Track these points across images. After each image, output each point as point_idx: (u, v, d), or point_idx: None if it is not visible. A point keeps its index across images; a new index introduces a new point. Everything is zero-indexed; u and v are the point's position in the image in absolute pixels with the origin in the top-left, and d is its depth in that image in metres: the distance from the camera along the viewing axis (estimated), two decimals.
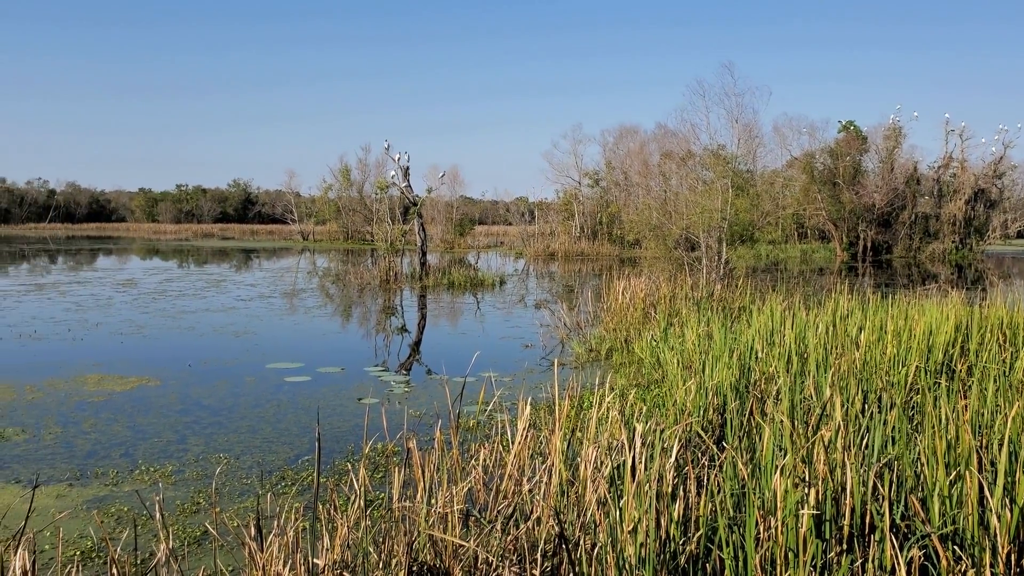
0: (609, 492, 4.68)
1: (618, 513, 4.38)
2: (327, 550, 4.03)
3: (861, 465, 4.77)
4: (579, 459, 5.34)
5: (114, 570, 3.82)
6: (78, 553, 5.27)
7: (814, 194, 54.41)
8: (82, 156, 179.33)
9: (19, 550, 3.77)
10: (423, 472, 5.03)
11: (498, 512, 4.92)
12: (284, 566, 3.89)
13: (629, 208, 53.16)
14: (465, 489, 4.90)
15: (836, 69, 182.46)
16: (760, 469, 4.77)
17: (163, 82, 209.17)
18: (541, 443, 6.37)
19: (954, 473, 4.45)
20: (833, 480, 4.44)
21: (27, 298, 21.72)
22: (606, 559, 4.16)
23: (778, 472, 4.14)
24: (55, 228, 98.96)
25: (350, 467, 6.62)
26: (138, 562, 4.22)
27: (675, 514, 4.41)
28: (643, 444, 4.75)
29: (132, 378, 11.11)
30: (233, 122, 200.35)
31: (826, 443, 4.71)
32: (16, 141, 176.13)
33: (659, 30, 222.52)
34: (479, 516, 5.14)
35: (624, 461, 4.96)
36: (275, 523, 4.16)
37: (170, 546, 3.99)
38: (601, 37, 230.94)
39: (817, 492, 4.20)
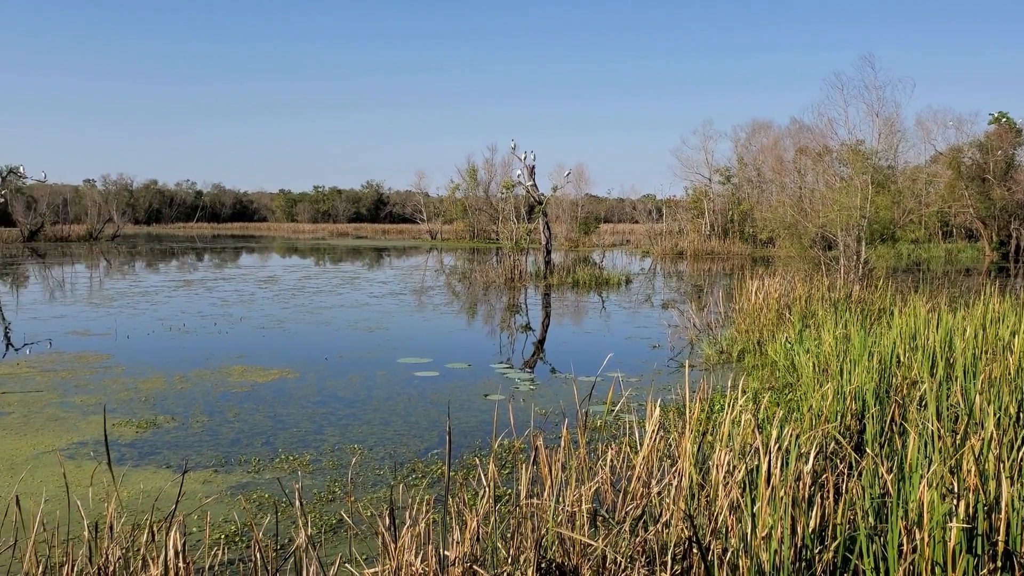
0: (742, 497, 4.56)
1: (751, 519, 4.26)
2: (457, 543, 4.09)
3: (1017, 478, 4.47)
4: (710, 463, 5.23)
5: (257, 554, 4.00)
6: (223, 536, 5.55)
7: (961, 191, 51.36)
8: (227, 159, 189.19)
9: (172, 531, 4.01)
10: (550, 470, 5.04)
11: (626, 513, 4.87)
12: (416, 556, 3.97)
13: (762, 205, 51.66)
14: (593, 489, 4.87)
15: (986, 58, 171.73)
16: (904, 478, 4.54)
17: (303, 93, 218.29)
18: (670, 446, 6.27)
19: None
20: (985, 492, 4.18)
21: (176, 294, 23.10)
22: (738, 565, 4.05)
23: (924, 482, 3.93)
24: (202, 227, 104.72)
25: (478, 462, 6.71)
26: (278, 547, 4.41)
27: (811, 522, 4.26)
28: (778, 449, 4.60)
29: (273, 370, 11.64)
30: (367, 126, 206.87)
31: (976, 453, 4.44)
32: (167, 145, 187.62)
33: (792, 29, 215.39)
34: (607, 516, 5.11)
35: (758, 466, 4.82)
36: (407, 514, 4.26)
37: (308, 533, 4.15)
38: (732, 36, 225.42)
39: (967, 504, 3.96)
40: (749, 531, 4.22)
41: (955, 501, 3.98)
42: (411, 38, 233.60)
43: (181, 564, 3.90)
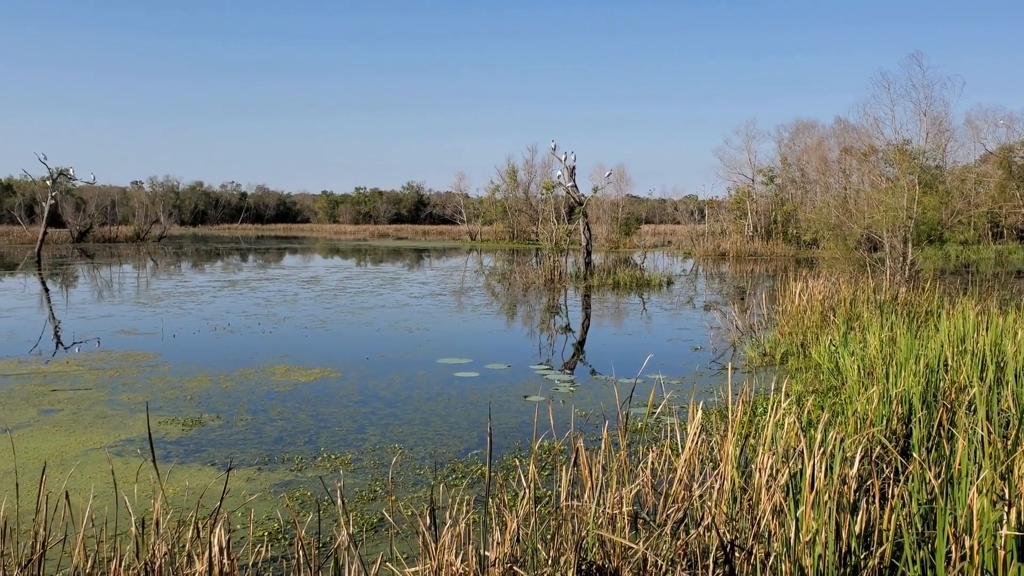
0: (785, 501, 4.51)
1: (795, 523, 4.21)
2: (498, 543, 4.10)
3: None
4: (753, 466, 5.18)
5: (300, 552, 4.04)
6: (266, 534, 5.62)
7: (1012, 191, 50.20)
8: (271, 161, 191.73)
9: (217, 528, 4.06)
10: (590, 472, 5.03)
11: (667, 516, 4.84)
12: (456, 556, 3.99)
13: (806, 206, 51.03)
14: (634, 491, 4.85)
15: None
16: (952, 484, 4.44)
17: (345, 94, 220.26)
18: (712, 449, 6.22)
19: None
20: None
21: (221, 294, 23.45)
22: (781, 569, 4.01)
23: (973, 488, 3.85)
24: (246, 228, 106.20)
25: (518, 463, 6.71)
26: (320, 545, 4.45)
27: (856, 527, 4.19)
28: (822, 453, 4.53)
29: (315, 369, 11.76)
30: (408, 127, 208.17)
31: None
32: (212, 148, 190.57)
33: (837, 29, 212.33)
34: (648, 519, 5.08)
35: (802, 470, 4.76)
36: (447, 514, 4.28)
37: (350, 531, 4.18)
38: (776, 36, 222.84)
39: (1019, 511, 3.87)
40: (792, 536, 4.17)
41: (1006, 508, 3.89)
42: (452, 38, 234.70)
43: (225, 560, 3.96)
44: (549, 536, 4.43)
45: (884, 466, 5.62)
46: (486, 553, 4.13)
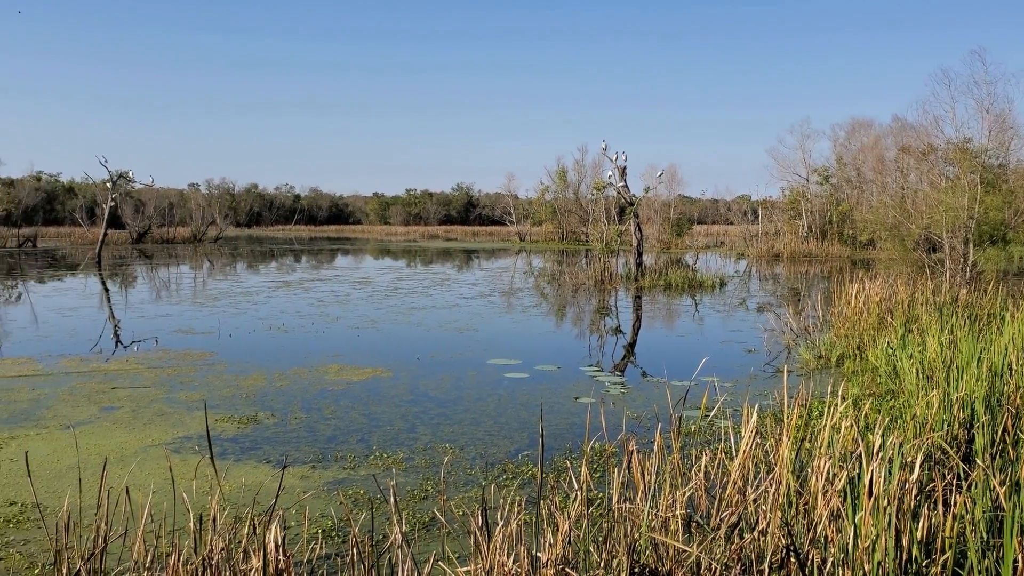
0: (842, 506, 4.42)
1: (853, 529, 4.13)
2: (550, 545, 4.09)
3: None
4: (808, 470, 5.09)
5: (353, 549, 4.08)
6: (320, 531, 5.68)
7: None
8: (323, 164, 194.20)
9: (272, 525, 4.12)
10: (642, 474, 4.99)
11: (721, 520, 4.78)
12: (508, 557, 3.98)
13: (862, 206, 50.04)
14: (687, 494, 4.80)
15: None
16: (1019, 491, 4.31)
17: (397, 95, 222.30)
18: (766, 452, 6.13)
19: None
20: None
21: (276, 294, 23.81)
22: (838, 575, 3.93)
23: None
24: (299, 229, 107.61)
25: (569, 464, 6.69)
26: (373, 543, 4.49)
27: (917, 534, 4.09)
28: (881, 457, 4.44)
29: (367, 369, 11.87)
30: (458, 128, 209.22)
31: None
32: (266, 151, 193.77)
33: (894, 31, 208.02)
34: (701, 522, 5.03)
35: (859, 474, 4.67)
36: (498, 514, 4.28)
37: (403, 530, 4.21)
38: (831, 36, 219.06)
39: None
40: (851, 541, 4.09)
41: None
42: (502, 38, 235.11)
43: (281, 557, 4.01)
44: (601, 538, 4.41)
45: (945, 472, 5.48)
46: (538, 554, 4.12)
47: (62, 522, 4.56)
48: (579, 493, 4.71)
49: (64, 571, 4.27)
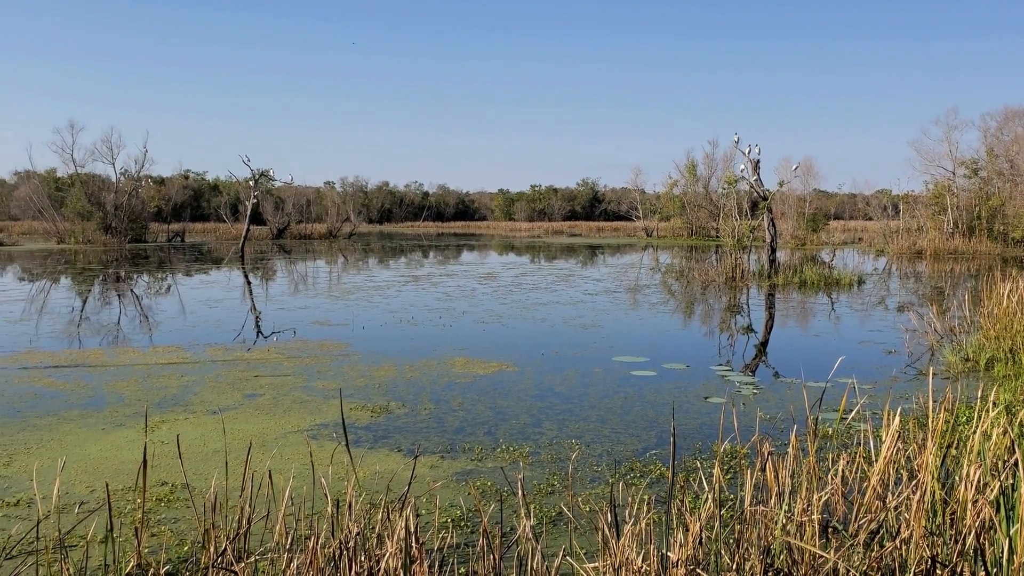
0: (995, 517, 4.15)
1: (1007, 542, 3.87)
2: (680, 545, 4.02)
3: None
4: (955, 478, 4.81)
5: (483, 540, 4.13)
6: (450, 520, 5.78)
7: None
8: (450, 161, 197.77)
9: (405, 512, 4.22)
10: (777, 477, 4.83)
11: (859, 526, 4.58)
12: (637, 555, 3.94)
13: (1015, 200, 46.96)
14: (823, 499, 4.62)
15: None
16: None
17: (523, 91, 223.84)
18: (909, 458, 5.83)
19: None
20: None
21: (405, 288, 24.42)
22: None
23: None
24: (428, 226, 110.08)
25: (699, 465, 6.57)
26: (502, 535, 4.53)
27: None
28: None
29: (493, 363, 12.01)
30: (583, 123, 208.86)
31: None
32: (395, 151, 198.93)
33: None
34: (838, 528, 4.83)
35: (1014, 484, 4.37)
36: (626, 512, 4.24)
37: (531, 522, 4.22)
38: (982, 18, 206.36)
39: None
40: (1005, 555, 3.84)
41: None
42: (628, 34, 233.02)
43: (414, 544, 4.10)
44: (733, 540, 4.30)
45: None
46: (668, 553, 4.06)
47: (209, 503, 4.81)
48: (711, 494, 4.61)
49: (212, 550, 4.49)
